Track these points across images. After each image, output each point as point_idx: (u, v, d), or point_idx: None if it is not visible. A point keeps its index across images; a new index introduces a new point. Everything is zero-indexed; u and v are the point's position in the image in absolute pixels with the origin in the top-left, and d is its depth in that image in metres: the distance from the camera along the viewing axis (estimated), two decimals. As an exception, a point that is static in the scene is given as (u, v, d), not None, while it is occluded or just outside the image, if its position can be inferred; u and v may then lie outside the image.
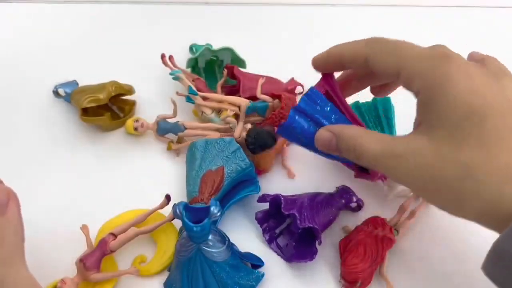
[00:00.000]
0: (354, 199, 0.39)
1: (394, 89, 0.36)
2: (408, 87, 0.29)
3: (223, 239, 0.33)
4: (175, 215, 0.32)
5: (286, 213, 0.36)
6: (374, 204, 0.41)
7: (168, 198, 0.37)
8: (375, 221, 0.37)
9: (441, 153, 0.25)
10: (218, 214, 0.32)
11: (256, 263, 0.36)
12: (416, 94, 0.28)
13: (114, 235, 0.35)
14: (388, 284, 0.35)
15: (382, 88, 0.36)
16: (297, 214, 0.35)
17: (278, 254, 0.38)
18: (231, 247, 0.34)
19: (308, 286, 0.36)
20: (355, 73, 0.35)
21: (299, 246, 0.37)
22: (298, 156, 0.45)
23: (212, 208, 0.31)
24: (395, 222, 0.38)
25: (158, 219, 0.37)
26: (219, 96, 0.46)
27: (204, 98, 0.45)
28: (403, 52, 0.29)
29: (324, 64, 0.33)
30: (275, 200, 0.37)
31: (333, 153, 0.31)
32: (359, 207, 0.40)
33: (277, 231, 0.39)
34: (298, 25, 0.62)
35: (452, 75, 0.26)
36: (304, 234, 0.37)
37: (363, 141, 0.29)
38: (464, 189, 0.25)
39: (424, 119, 0.27)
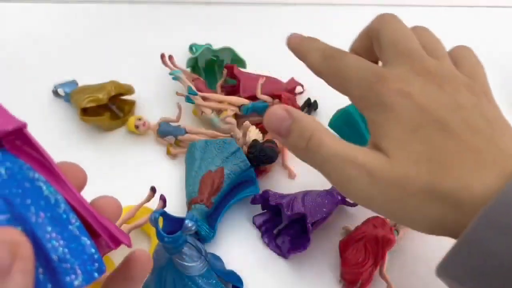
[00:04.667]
0: None
1: None
2: (359, 110, 0.28)
3: (199, 254, 0.32)
4: (150, 223, 0.30)
5: (273, 203, 0.36)
6: (374, 204, 0.41)
7: (153, 190, 0.37)
8: (375, 221, 0.37)
9: (402, 170, 0.24)
10: (193, 228, 0.30)
11: (235, 283, 0.35)
12: (362, 112, 0.28)
13: None
14: (388, 284, 0.35)
15: None
16: (284, 204, 0.35)
17: (278, 254, 0.38)
18: (208, 263, 0.33)
19: (308, 286, 0.36)
20: None
21: (294, 241, 0.37)
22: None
23: (186, 222, 0.30)
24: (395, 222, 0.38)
25: (147, 213, 0.37)
26: (219, 96, 0.46)
27: (204, 98, 0.45)
28: (346, 74, 0.28)
29: (294, 51, 0.33)
30: (264, 197, 0.37)
31: (278, 136, 0.28)
32: None
33: (275, 231, 0.39)
34: (298, 25, 0.61)
35: (388, 97, 0.26)
36: (300, 230, 0.37)
37: (323, 134, 0.26)
38: (428, 211, 0.24)
39: (377, 138, 0.26)
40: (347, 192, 0.26)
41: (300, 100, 0.49)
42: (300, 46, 0.32)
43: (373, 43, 0.31)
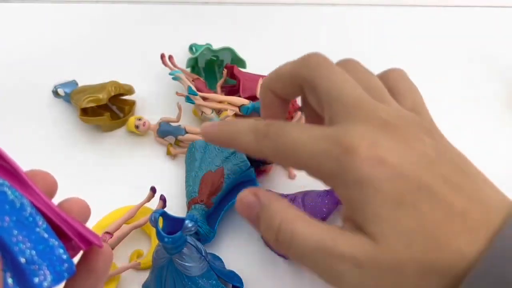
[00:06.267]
0: None
1: None
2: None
3: (199, 254, 0.32)
4: (150, 223, 0.30)
5: None
6: (374, 204, 0.41)
7: (153, 190, 0.37)
8: (375, 221, 0.37)
9: (394, 254, 0.22)
10: (193, 229, 0.30)
11: (235, 283, 0.35)
12: (331, 188, 0.24)
13: (110, 233, 0.35)
14: (388, 284, 0.35)
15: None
16: None
17: (278, 254, 0.38)
18: (208, 263, 0.33)
19: (308, 286, 0.36)
20: None
21: None
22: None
23: (186, 222, 0.30)
24: (395, 222, 0.38)
25: (147, 213, 0.37)
26: (219, 96, 0.46)
27: (204, 98, 0.45)
28: (300, 153, 0.23)
29: (218, 143, 0.27)
30: None
31: (250, 222, 0.25)
32: None
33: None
34: (298, 25, 0.61)
35: (362, 171, 0.22)
36: None
37: (294, 224, 0.22)
38: (425, 284, 0.22)
39: (356, 217, 0.23)
40: (338, 285, 0.23)
41: (300, 100, 0.49)
42: (221, 133, 0.26)
43: (306, 93, 0.27)
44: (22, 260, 0.16)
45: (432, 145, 0.24)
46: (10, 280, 0.16)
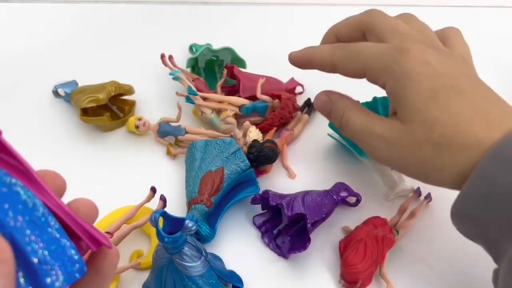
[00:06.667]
0: (351, 193, 0.39)
1: None
2: (375, 83, 0.32)
3: (199, 254, 0.32)
4: (151, 223, 0.30)
5: (273, 203, 0.36)
6: (374, 204, 0.41)
7: (153, 190, 0.37)
8: (375, 221, 0.37)
9: (415, 135, 0.29)
10: (193, 228, 0.30)
11: (235, 283, 0.35)
12: (384, 87, 0.31)
13: (110, 233, 0.35)
14: (388, 284, 0.35)
15: None
16: (284, 204, 0.35)
17: (278, 254, 0.38)
18: (208, 263, 0.33)
19: (308, 286, 0.36)
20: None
21: (294, 241, 0.37)
22: (298, 156, 0.45)
23: (186, 222, 0.30)
24: (395, 222, 0.38)
25: (147, 213, 0.37)
26: (219, 96, 0.46)
27: (204, 98, 0.45)
28: (364, 54, 0.31)
29: (299, 63, 0.36)
30: (264, 197, 0.37)
31: (325, 115, 0.35)
32: (357, 201, 0.40)
33: (275, 231, 0.39)
34: (298, 25, 0.61)
35: (410, 66, 0.29)
36: (300, 230, 0.37)
37: (351, 113, 0.32)
38: (441, 163, 0.28)
39: (396, 107, 0.30)
40: (373, 157, 0.32)
41: (300, 100, 0.49)
42: (303, 54, 0.35)
43: (366, 34, 0.34)
44: (35, 260, 0.16)
45: (471, 71, 0.31)
46: (22, 280, 0.16)
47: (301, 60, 0.35)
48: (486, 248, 0.29)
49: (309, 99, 0.48)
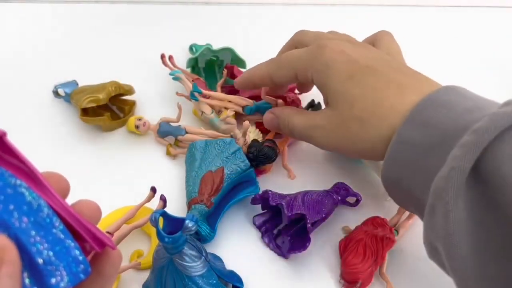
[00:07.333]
0: (351, 193, 0.39)
1: (310, 86, 0.45)
2: (306, 81, 0.36)
3: (199, 254, 0.32)
4: (151, 223, 0.30)
5: (273, 203, 0.36)
6: (374, 204, 0.41)
7: (153, 190, 0.37)
8: (375, 221, 0.37)
9: (342, 115, 0.32)
10: (194, 229, 0.30)
11: (235, 283, 0.35)
12: (312, 82, 0.35)
13: (110, 234, 0.35)
14: (388, 284, 0.35)
15: (301, 86, 0.46)
16: (284, 204, 0.36)
17: (278, 254, 0.38)
18: (208, 263, 0.33)
19: (308, 286, 0.36)
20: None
21: (294, 241, 0.37)
22: (298, 156, 0.45)
23: (186, 222, 0.30)
24: (395, 222, 0.38)
25: (147, 213, 0.37)
26: (223, 95, 0.45)
27: (208, 97, 0.45)
28: (292, 59, 0.36)
29: (243, 85, 0.41)
30: (264, 197, 0.37)
31: (276, 130, 0.40)
32: (357, 201, 0.40)
33: (275, 231, 0.39)
34: (298, 25, 0.61)
35: (328, 56, 0.33)
36: (300, 230, 0.37)
37: (293, 118, 0.37)
38: (367, 135, 0.31)
39: (324, 95, 0.35)
40: (318, 146, 0.36)
41: (304, 101, 0.48)
42: (244, 77, 0.41)
43: (297, 46, 0.39)
44: (40, 260, 0.16)
45: (389, 58, 0.34)
46: (27, 281, 0.16)
47: (243, 82, 0.41)
48: (417, 213, 0.30)
49: (312, 101, 0.48)
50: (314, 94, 0.50)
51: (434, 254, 0.28)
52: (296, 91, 0.50)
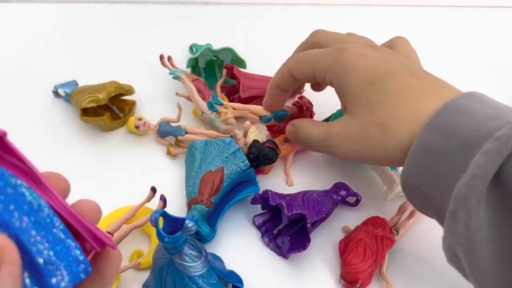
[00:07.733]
0: (351, 193, 0.39)
1: (324, 86, 0.44)
2: (324, 82, 0.35)
3: (199, 254, 0.33)
4: (151, 223, 0.30)
5: (273, 204, 0.36)
6: (374, 204, 0.41)
7: (154, 190, 0.37)
8: (375, 221, 0.37)
9: (362, 121, 0.32)
10: (193, 229, 0.30)
11: (235, 283, 0.35)
12: (331, 85, 0.35)
13: (111, 234, 0.35)
14: (388, 284, 0.35)
15: (316, 85, 0.44)
16: (284, 204, 0.36)
17: (278, 254, 0.38)
18: (208, 263, 0.33)
19: (308, 286, 0.36)
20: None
21: (294, 241, 0.37)
22: (298, 156, 0.45)
23: (186, 222, 0.30)
24: (395, 222, 0.38)
25: (147, 213, 0.37)
26: (242, 105, 0.42)
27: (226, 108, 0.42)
28: (312, 58, 0.35)
29: (273, 106, 0.40)
30: (264, 197, 0.37)
31: (296, 141, 0.39)
32: (357, 201, 0.40)
33: (275, 231, 0.39)
34: (298, 25, 0.61)
35: (348, 61, 0.33)
36: (300, 230, 0.37)
37: (310, 129, 0.36)
38: (388, 141, 0.30)
39: (343, 101, 0.34)
40: (338, 156, 0.34)
41: (316, 106, 0.47)
42: (269, 95, 0.40)
43: (314, 47, 0.38)
44: (40, 260, 0.16)
45: (408, 62, 0.34)
46: (28, 281, 0.16)
47: (271, 100, 0.40)
48: (436, 219, 0.30)
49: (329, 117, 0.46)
50: (325, 95, 0.50)
51: (454, 260, 0.27)
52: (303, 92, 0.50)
